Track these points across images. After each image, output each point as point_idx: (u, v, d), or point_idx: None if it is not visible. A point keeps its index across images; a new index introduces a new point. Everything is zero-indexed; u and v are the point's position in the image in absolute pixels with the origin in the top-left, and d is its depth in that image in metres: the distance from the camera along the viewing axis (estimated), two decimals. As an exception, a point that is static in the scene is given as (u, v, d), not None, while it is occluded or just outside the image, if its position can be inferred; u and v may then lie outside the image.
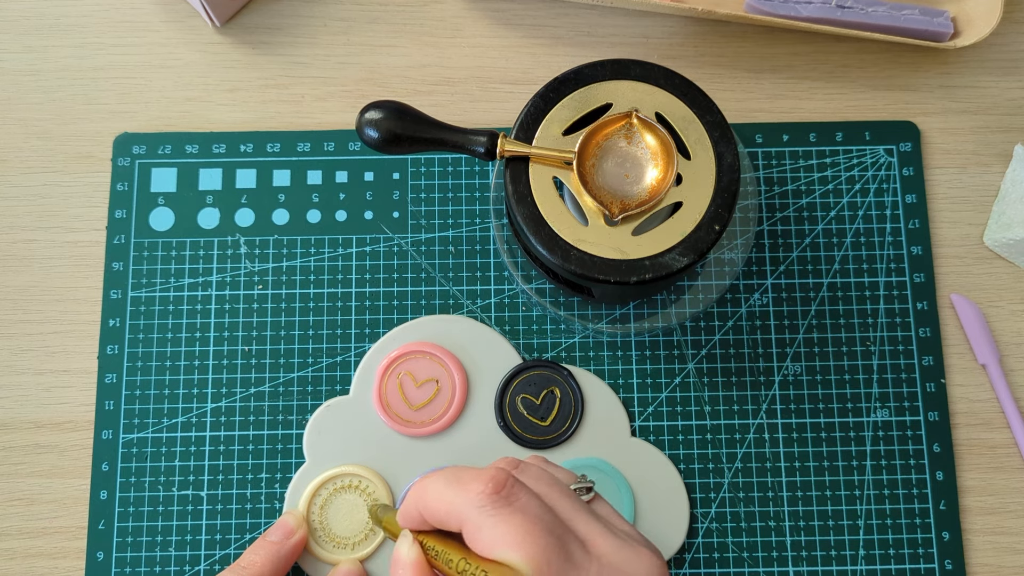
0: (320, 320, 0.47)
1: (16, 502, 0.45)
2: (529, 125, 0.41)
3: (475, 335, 0.46)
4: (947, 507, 0.45)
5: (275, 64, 0.51)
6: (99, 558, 0.44)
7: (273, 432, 0.46)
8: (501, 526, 0.30)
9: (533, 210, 0.40)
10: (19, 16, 0.51)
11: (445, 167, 0.49)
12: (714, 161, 0.40)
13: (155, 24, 0.51)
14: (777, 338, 0.47)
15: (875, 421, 0.46)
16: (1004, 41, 0.51)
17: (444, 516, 0.31)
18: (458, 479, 0.31)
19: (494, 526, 0.30)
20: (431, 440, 0.45)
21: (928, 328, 0.47)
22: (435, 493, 0.32)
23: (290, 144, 0.49)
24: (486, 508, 0.30)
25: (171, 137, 0.49)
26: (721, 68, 0.51)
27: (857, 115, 0.50)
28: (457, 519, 0.31)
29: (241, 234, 0.48)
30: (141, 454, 0.46)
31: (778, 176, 0.49)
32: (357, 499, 0.44)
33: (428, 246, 0.48)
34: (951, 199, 0.49)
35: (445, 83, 0.51)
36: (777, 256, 0.48)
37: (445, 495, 0.31)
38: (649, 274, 0.39)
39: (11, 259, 0.48)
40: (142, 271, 0.48)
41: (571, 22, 0.51)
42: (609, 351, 0.47)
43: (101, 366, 0.47)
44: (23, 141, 0.50)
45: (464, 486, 0.31)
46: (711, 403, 0.46)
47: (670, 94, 0.41)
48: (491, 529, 0.30)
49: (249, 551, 0.41)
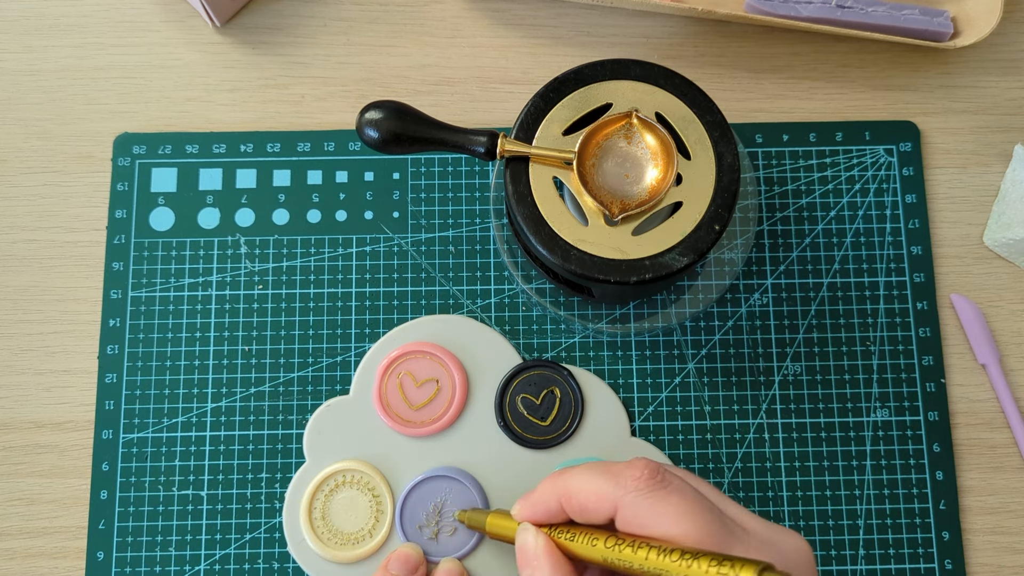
0: (320, 320, 0.47)
1: (16, 502, 0.45)
2: (529, 125, 0.41)
3: (475, 335, 0.46)
4: (947, 507, 0.45)
5: (275, 64, 0.51)
6: (99, 558, 0.44)
7: (273, 432, 0.46)
8: (660, 505, 0.31)
9: (533, 210, 0.40)
10: (19, 16, 0.51)
11: (445, 167, 0.49)
12: (714, 161, 0.40)
13: (155, 24, 0.51)
14: (777, 338, 0.47)
15: (875, 421, 0.46)
16: (1004, 41, 0.51)
17: (593, 503, 0.33)
18: (608, 469, 0.33)
19: (652, 506, 0.31)
20: (431, 440, 0.45)
21: (928, 328, 0.47)
22: (582, 482, 0.34)
23: (290, 144, 0.49)
24: (643, 491, 0.32)
25: (171, 137, 0.49)
26: (721, 68, 0.51)
27: (857, 115, 0.50)
28: (610, 505, 0.32)
29: (241, 234, 0.48)
30: (141, 454, 0.46)
31: (778, 176, 0.49)
32: (357, 495, 0.44)
33: (428, 246, 0.48)
34: (951, 199, 0.49)
35: (445, 83, 0.51)
36: (777, 256, 0.48)
37: (594, 483, 0.33)
38: (649, 274, 0.39)
39: (11, 259, 0.48)
40: (142, 271, 0.48)
41: (571, 22, 0.51)
42: (609, 351, 0.47)
43: (101, 366, 0.47)
44: (23, 141, 0.50)
45: (616, 474, 0.33)
46: (711, 403, 0.46)
47: (670, 94, 0.41)
48: (649, 509, 0.31)
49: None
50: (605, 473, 0.33)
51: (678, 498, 0.31)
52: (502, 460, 0.45)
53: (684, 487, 0.32)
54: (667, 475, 0.32)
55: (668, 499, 0.31)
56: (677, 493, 0.32)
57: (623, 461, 0.34)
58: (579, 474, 0.34)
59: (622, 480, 0.32)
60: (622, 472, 0.33)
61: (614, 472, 0.33)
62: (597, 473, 0.33)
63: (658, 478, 0.32)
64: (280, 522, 0.45)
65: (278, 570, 0.44)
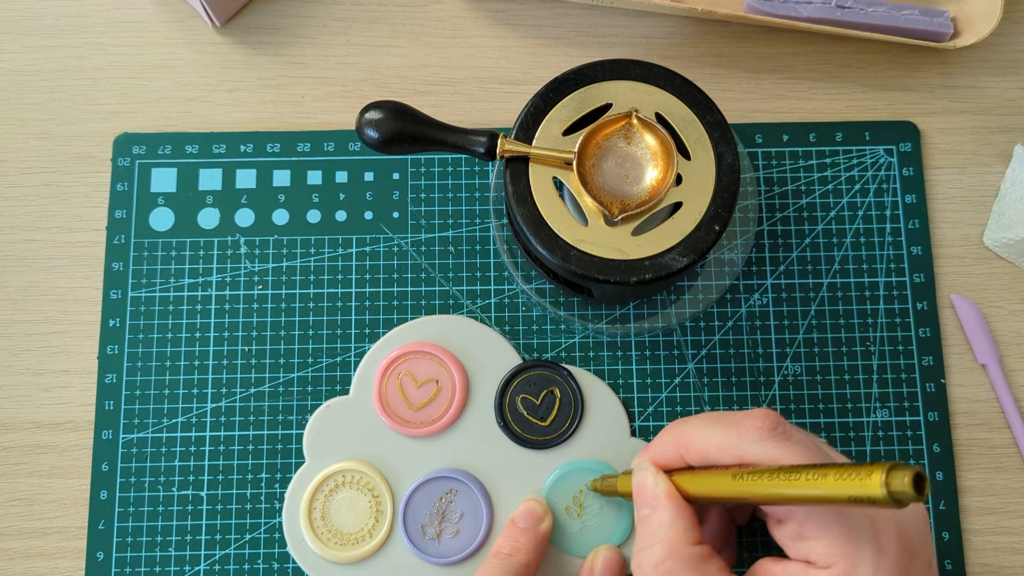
0: (320, 320, 0.47)
1: (16, 502, 0.45)
2: (529, 125, 0.41)
3: (475, 335, 0.46)
4: (947, 507, 0.45)
5: (275, 64, 0.51)
6: (99, 558, 0.44)
7: (273, 432, 0.46)
8: (783, 453, 0.32)
9: (533, 210, 0.40)
10: (19, 16, 0.51)
11: (445, 167, 0.49)
12: (714, 161, 0.40)
13: (155, 24, 0.51)
14: (777, 338, 0.47)
15: (875, 421, 0.46)
16: (1004, 41, 0.51)
17: (714, 453, 0.33)
18: (728, 420, 0.34)
19: (776, 458, 0.32)
20: (431, 440, 0.45)
21: (928, 328, 0.47)
22: (704, 433, 0.34)
23: (290, 144, 0.49)
24: (766, 441, 0.32)
25: (171, 137, 0.49)
26: (721, 68, 0.51)
27: (857, 115, 0.50)
28: (733, 454, 0.33)
29: (241, 234, 0.48)
30: (141, 454, 0.46)
31: (778, 176, 0.49)
32: (357, 495, 0.44)
33: (428, 246, 0.48)
34: (951, 199, 0.49)
35: (445, 83, 0.51)
36: (777, 256, 0.48)
37: (715, 434, 0.34)
38: (649, 274, 0.39)
39: (11, 259, 0.48)
40: (142, 271, 0.48)
41: (571, 22, 0.51)
42: (609, 351, 0.47)
43: (101, 366, 0.47)
44: (23, 141, 0.50)
45: (738, 424, 0.33)
46: (711, 403, 0.46)
47: (670, 94, 0.41)
48: (773, 458, 0.32)
49: (505, 538, 0.41)
50: (726, 424, 0.34)
51: (801, 449, 0.32)
52: (502, 460, 0.45)
53: (804, 438, 0.32)
54: (788, 427, 0.33)
55: (792, 449, 0.32)
56: (800, 444, 0.32)
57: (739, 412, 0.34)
58: (699, 425, 0.35)
59: (744, 430, 0.33)
60: (743, 422, 0.33)
61: (735, 422, 0.33)
62: (718, 424, 0.34)
63: (780, 429, 0.33)
64: (280, 522, 0.45)
65: (278, 570, 0.44)
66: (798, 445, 0.32)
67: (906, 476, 0.26)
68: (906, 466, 0.26)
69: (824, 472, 0.28)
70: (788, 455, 0.32)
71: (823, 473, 0.28)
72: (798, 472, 0.29)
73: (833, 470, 0.28)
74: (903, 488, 0.26)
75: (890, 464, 0.26)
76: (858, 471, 0.27)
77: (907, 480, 0.26)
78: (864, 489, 0.26)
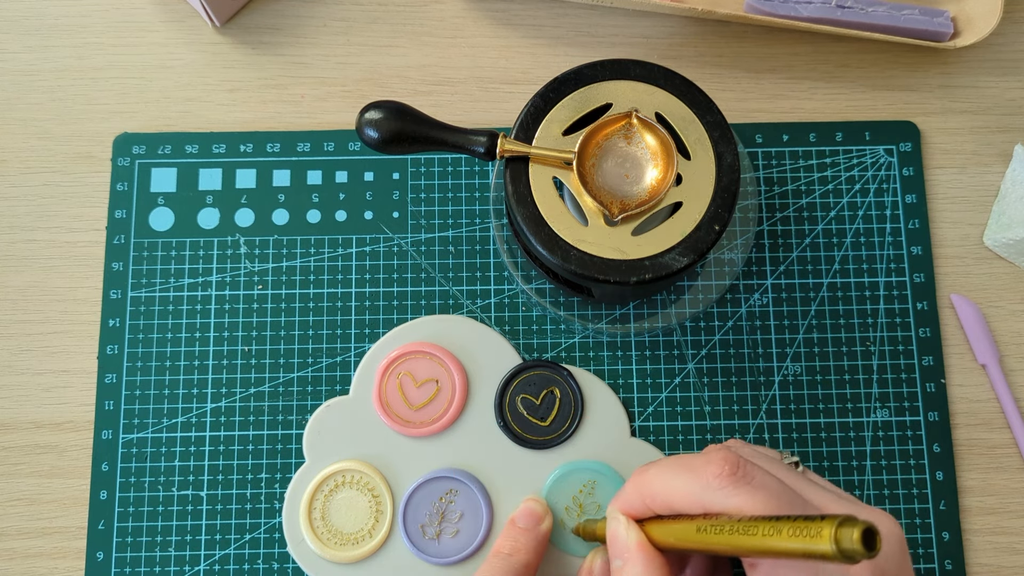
0: (320, 320, 0.47)
1: (16, 502, 0.45)
2: (529, 125, 0.41)
3: (475, 335, 0.46)
4: (947, 507, 0.45)
5: (275, 64, 0.51)
6: (99, 558, 0.44)
7: (273, 432, 0.46)
8: (745, 504, 0.31)
9: (533, 210, 0.40)
10: (19, 16, 0.51)
11: (445, 167, 0.49)
12: (714, 161, 0.40)
13: (155, 24, 0.51)
14: (777, 338, 0.47)
15: (875, 421, 0.46)
16: (1004, 41, 0.51)
17: (678, 502, 0.33)
18: (688, 466, 0.33)
19: (738, 506, 0.31)
20: (431, 440, 0.45)
21: (928, 328, 0.47)
22: (664, 482, 0.33)
23: (290, 144, 0.49)
24: (726, 489, 0.31)
25: (171, 137, 0.49)
26: (721, 68, 0.51)
27: (857, 115, 0.50)
28: (695, 504, 0.32)
29: (241, 234, 0.48)
30: (141, 454, 0.46)
31: (778, 176, 0.49)
32: (357, 495, 0.44)
33: (428, 246, 0.48)
34: (951, 199, 0.49)
35: (445, 83, 0.51)
36: (777, 256, 0.48)
37: (676, 483, 0.33)
38: (649, 274, 0.39)
39: (11, 259, 0.48)
40: (142, 271, 0.48)
41: (571, 22, 0.51)
42: (609, 351, 0.47)
43: (101, 366, 0.47)
44: (23, 141, 0.50)
45: (698, 472, 0.32)
46: (711, 403, 0.46)
47: (670, 94, 0.41)
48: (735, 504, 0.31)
49: (505, 538, 0.41)
50: (686, 471, 0.33)
51: (764, 494, 0.31)
52: (502, 460, 0.45)
53: (767, 480, 0.32)
54: (748, 468, 0.32)
55: (755, 496, 0.31)
56: (762, 489, 0.31)
57: (699, 455, 0.33)
58: (659, 473, 0.34)
59: (703, 478, 0.32)
60: (702, 469, 0.32)
61: (694, 469, 0.32)
62: (678, 471, 0.33)
63: (739, 473, 0.32)
64: (280, 522, 0.45)
65: (278, 570, 0.44)
66: (760, 490, 0.31)
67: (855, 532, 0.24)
68: (856, 521, 0.25)
69: (778, 527, 0.27)
70: (749, 503, 0.31)
71: (777, 528, 0.27)
72: (755, 526, 0.28)
73: (787, 525, 0.27)
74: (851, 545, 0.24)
75: (840, 518, 0.25)
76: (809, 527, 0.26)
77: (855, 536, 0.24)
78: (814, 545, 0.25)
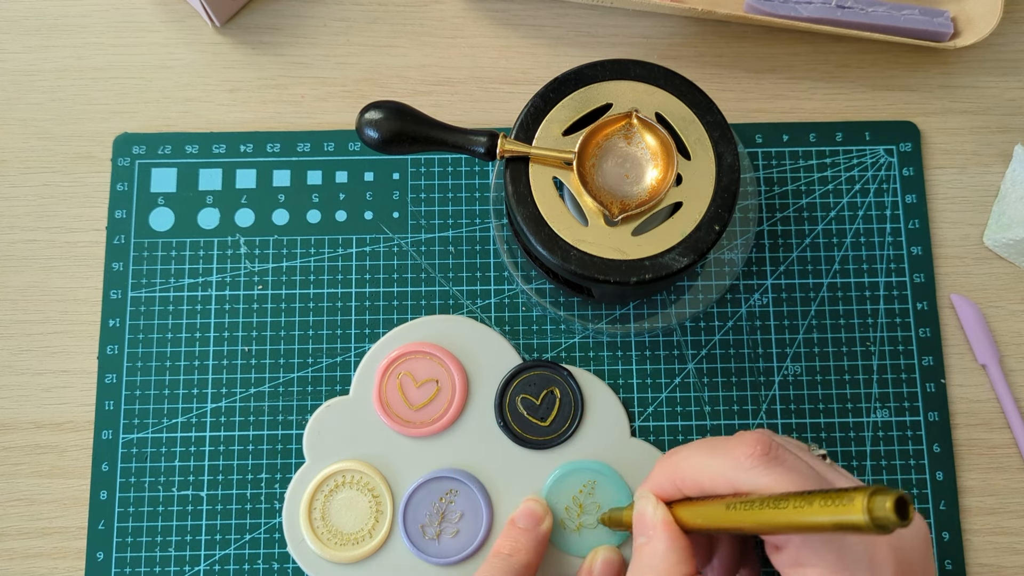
0: (320, 320, 0.47)
1: (16, 502, 0.45)
2: (529, 125, 0.41)
3: (475, 335, 0.46)
4: (947, 507, 0.45)
5: (275, 64, 0.51)
6: (99, 558, 0.44)
7: (273, 432, 0.46)
8: (775, 483, 0.31)
9: (533, 210, 0.40)
10: (19, 16, 0.51)
11: (445, 167, 0.49)
12: (714, 161, 0.40)
13: (155, 24, 0.51)
14: (777, 338, 0.47)
15: (875, 421, 0.46)
16: (1004, 41, 0.51)
17: (708, 483, 0.33)
18: (719, 447, 0.33)
19: (767, 485, 0.31)
20: (431, 440, 0.45)
21: (928, 328, 0.47)
22: (695, 463, 0.34)
23: (290, 144, 0.49)
24: (758, 468, 0.32)
25: (171, 137, 0.49)
26: (721, 68, 0.51)
27: (857, 115, 0.50)
28: (726, 484, 0.32)
29: (241, 234, 0.48)
30: (141, 454, 0.46)
31: (778, 176, 0.49)
32: (357, 495, 0.44)
33: (428, 246, 0.48)
34: (951, 199, 0.49)
35: (445, 83, 0.51)
36: (777, 256, 0.48)
37: (708, 464, 0.33)
38: (649, 274, 0.39)
39: (11, 259, 0.48)
40: (142, 271, 0.48)
41: (571, 22, 0.51)
42: (609, 351, 0.47)
43: (101, 366, 0.47)
44: (23, 141, 0.50)
45: (729, 452, 0.33)
46: (711, 403, 0.46)
47: (670, 94, 0.41)
48: (766, 484, 0.31)
49: (505, 538, 0.41)
50: (718, 452, 0.33)
51: (795, 475, 0.31)
52: (502, 460, 0.45)
53: (796, 463, 0.32)
54: (779, 451, 0.32)
55: (785, 476, 0.31)
56: (793, 471, 0.32)
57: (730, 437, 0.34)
58: (691, 455, 0.34)
59: (735, 458, 0.32)
60: (734, 450, 0.33)
61: (726, 450, 0.33)
62: (710, 453, 0.34)
63: (772, 454, 0.32)
64: (280, 522, 0.45)
65: (278, 570, 0.44)
66: (790, 471, 0.32)
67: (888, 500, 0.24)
68: (889, 490, 0.25)
69: (810, 499, 0.27)
70: (779, 482, 0.31)
71: (808, 500, 0.27)
72: (785, 500, 0.29)
73: (818, 497, 0.27)
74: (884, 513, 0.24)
75: (872, 488, 0.25)
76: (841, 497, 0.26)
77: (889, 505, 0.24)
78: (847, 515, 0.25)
